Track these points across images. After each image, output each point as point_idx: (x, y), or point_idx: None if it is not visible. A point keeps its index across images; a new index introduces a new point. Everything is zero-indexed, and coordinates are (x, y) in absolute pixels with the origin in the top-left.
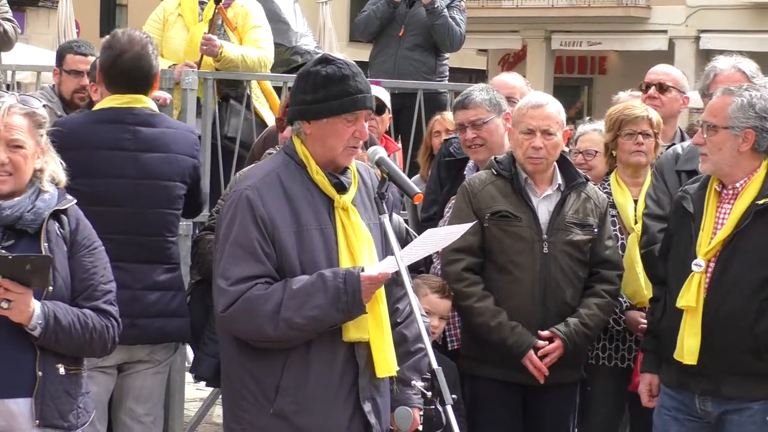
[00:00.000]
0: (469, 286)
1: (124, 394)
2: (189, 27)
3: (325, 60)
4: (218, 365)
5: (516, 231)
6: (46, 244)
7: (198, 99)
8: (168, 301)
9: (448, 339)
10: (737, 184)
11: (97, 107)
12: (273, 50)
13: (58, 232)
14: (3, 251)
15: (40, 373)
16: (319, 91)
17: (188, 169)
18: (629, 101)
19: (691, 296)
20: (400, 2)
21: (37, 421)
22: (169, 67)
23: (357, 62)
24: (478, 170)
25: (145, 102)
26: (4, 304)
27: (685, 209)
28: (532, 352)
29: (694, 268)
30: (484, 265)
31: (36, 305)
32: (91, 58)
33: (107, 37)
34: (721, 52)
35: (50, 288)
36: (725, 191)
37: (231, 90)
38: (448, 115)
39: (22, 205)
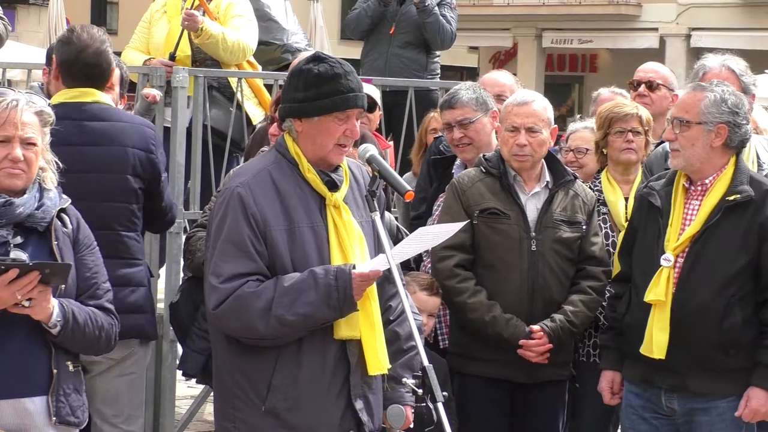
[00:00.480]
0: (461, 282)
1: (91, 396)
2: (170, 20)
3: (317, 58)
4: (206, 362)
5: (504, 228)
6: (56, 242)
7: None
8: (122, 297)
9: (440, 337)
10: (706, 180)
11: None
12: (254, 40)
13: (63, 230)
14: (24, 256)
15: (55, 371)
16: (310, 90)
17: (141, 162)
18: (619, 99)
19: (660, 290)
20: (391, 1)
21: (54, 419)
22: (145, 61)
23: (348, 60)
24: (465, 168)
25: (96, 95)
26: (26, 303)
27: (650, 205)
28: (524, 342)
29: (663, 263)
30: (474, 261)
31: (54, 303)
32: None
33: (64, 32)
34: (712, 49)
35: (63, 286)
36: (693, 187)
37: (213, 80)
38: None
39: (31, 202)
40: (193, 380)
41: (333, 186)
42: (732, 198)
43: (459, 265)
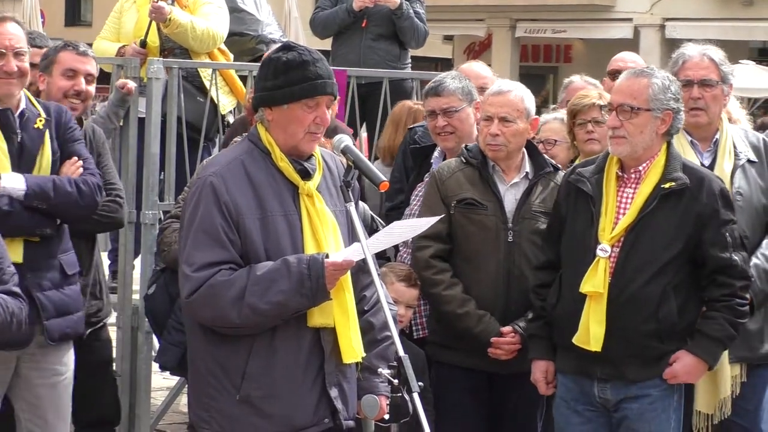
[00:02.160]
0: (437, 274)
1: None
2: (139, 9)
3: (287, 47)
4: (183, 354)
5: (480, 219)
6: None
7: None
8: None
9: (414, 327)
10: (640, 168)
11: None
12: (224, 27)
13: None
14: None
15: None
16: (279, 77)
17: None
18: (585, 90)
19: (597, 281)
20: (360, 13)
21: None
22: (119, 49)
23: (321, 51)
24: (445, 158)
25: None
26: None
27: (579, 192)
28: (494, 340)
29: (599, 253)
30: (451, 252)
31: None
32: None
33: None
34: (686, 40)
35: None
36: (627, 175)
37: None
38: None
39: None
40: (168, 372)
41: (306, 174)
42: (668, 186)
43: (436, 256)
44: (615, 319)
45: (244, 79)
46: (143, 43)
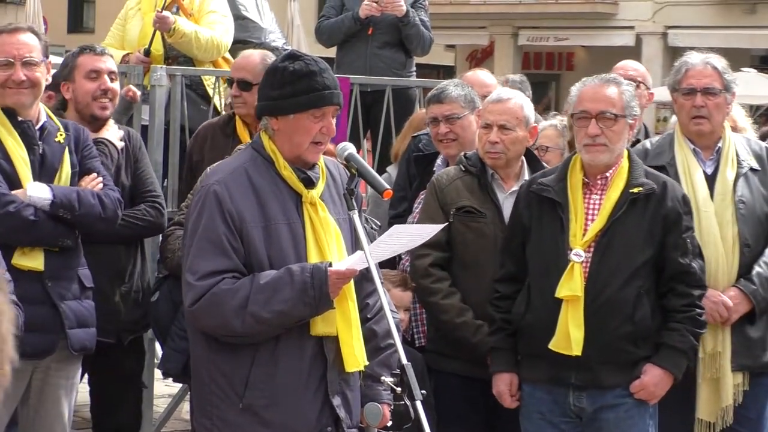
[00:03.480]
0: (435, 282)
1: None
2: (144, 17)
3: (293, 56)
4: (186, 361)
5: (479, 227)
6: None
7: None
8: None
9: (416, 336)
10: (607, 174)
11: None
12: (229, 36)
13: None
14: None
15: None
16: (285, 87)
17: None
18: None
19: (574, 285)
20: (366, 21)
21: None
22: (123, 57)
23: (325, 58)
24: (448, 165)
25: None
26: None
27: (543, 200)
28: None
29: (573, 258)
30: (450, 259)
31: None
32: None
33: None
34: (689, 47)
35: None
36: (593, 181)
37: (185, 77)
38: None
39: None
40: (171, 379)
41: (309, 183)
42: (636, 190)
43: (435, 264)
44: (592, 323)
45: None
46: (147, 52)
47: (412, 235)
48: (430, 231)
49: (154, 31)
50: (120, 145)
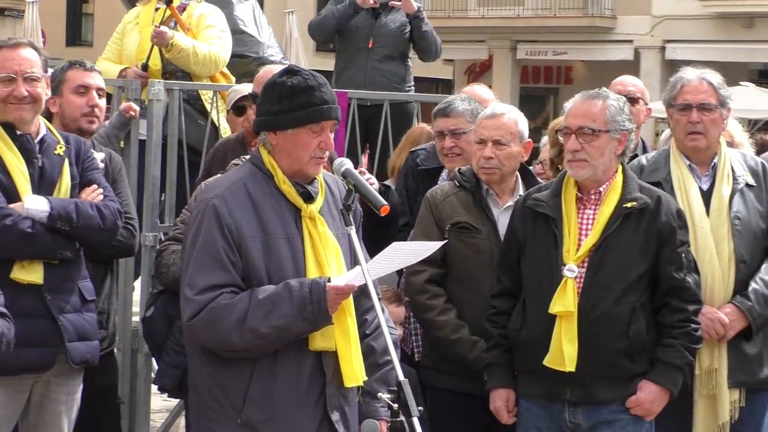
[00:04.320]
0: (431, 299)
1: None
2: (142, 31)
3: (291, 71)
4: (182, 377)
5: (475, 243)
6: None
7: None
8: None
9: (415, 350)
10: (600, 189)
11: None
12: (227, 51)
13: None
14: None
15: None
16: (284, 102)
17: None
18: None
19: (568, 301)
20: (363, 9)
21: None
22: (120, 71)
23: (324, 72)
24: None
25: None
26: None
27: (538, 216)
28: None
29: (567, 273)
30: (446, 275)
31: None
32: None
33: None
34: (687, 61)
35: None
36: (586, 196)
37: (183, 92)
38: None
39: None
40: (167, 394)
41: (308, 198)
42: (629, 205)
43: (430, 281)
44: (586, 339)
45: None
46: (145, 66)
47: (410, 251)
48: (429, 247)
49: (152, 46)
50: (100, 167)
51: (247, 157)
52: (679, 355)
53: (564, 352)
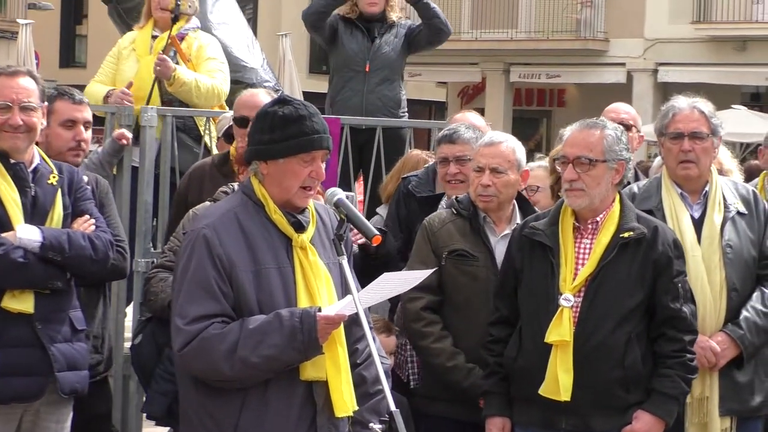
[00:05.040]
0: (427, 326)
1: None
2: (140, 59)
3: (283, 101)
4: (171, 404)
5: (472, 270)
6: None
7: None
8: None
9: (411, 378)
10: (597, 218)
11: None
12: (228, 83)
13: None
14: None
15: None
16: (275, 132)
17: None
18: None
19: (563, 330)
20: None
21: None
22: (107, 93)
23: (316, 94)
24: None
25: None
26: None
27: (534, 245)
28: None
29: (562, 302)
30: (442, 302)
31: None
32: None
33: None
34: (679, 84)
35: None
36: (583, 226)
37: (179, 121)
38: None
39: None
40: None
41: (299, 227)
42: (626, 235)
43: (427, 308)
44: (582, 368)
45: None
46: (130, 85)
47: (401, 280)
48: (419, 276)
49: (154, 81)
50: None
51: (234, 184)
52: (675, 386)
53: (559, 381)
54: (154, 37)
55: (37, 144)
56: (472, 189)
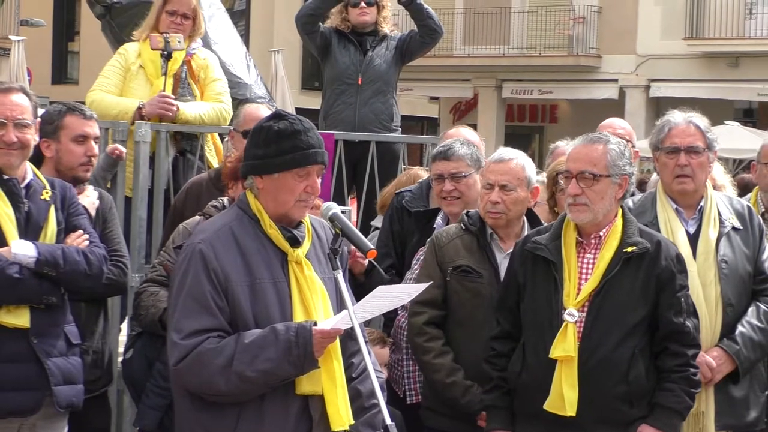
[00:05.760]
0: (428, 341)
1: None
2: (152, 80)
3: (278, 116)
4: (162, 418)
5: (475, 287)
6: None
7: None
8: None
9: (408, 393)
10: (600, 233)
11: None
12: (230, 104)
13: None
14: None
15: None
16: (270, 146)
17: None
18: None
19: (568, 345)
20: None
21: None
22: (139, 106)
23: (309, 110)
24: (448, 222)
25: None
26: None
27: (537, 259)
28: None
29: (567, 317)
30: (445, 317)
31: None
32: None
33: None
34: (672, 99)
35: None
36: (586, 240)
37: (187, 144)
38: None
39: None
40: None
41: (295, 242)
42: (629, 250)
43: (430, 323)
44: (586, 383)
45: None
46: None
47: (395, 294)
48: (413, 290)
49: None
50: (93, 212)
51: (224, 198)
52: (679, 400)
53: (564, 396)
54: (162, 56)
55: (43, 157)
56: (481, 205)
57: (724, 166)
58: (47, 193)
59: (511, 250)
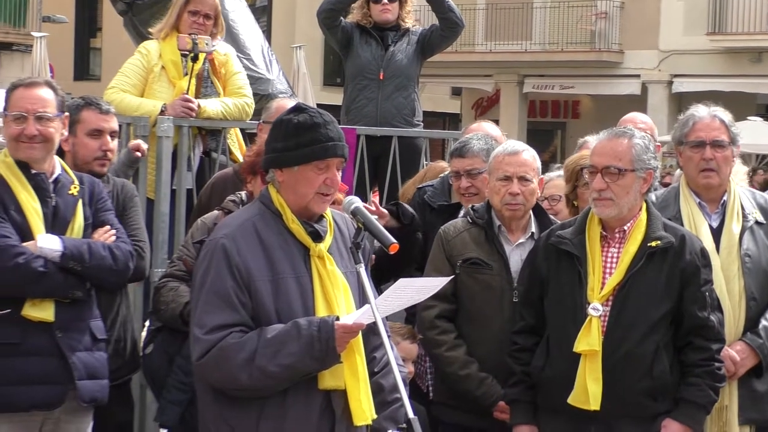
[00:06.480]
0: (440, 334)
1: None
2: (174, 82)
3: (298, 109)
4: (183, 413)
5: (486, 279)
6: None
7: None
8: None
9: (430, 387)
10: (625, 227)
11: None
12: (252, 97)
13: None
14: None
15: None
16: (290, 139)
17: None
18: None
19: (592, 339)
20: None
21: None
22: (161, 109)
23: (330, 106)
24: None
25: None
26: None
27: (561, 253)
28: (502, 404)
29: (591, 312)
30: (457, 311)
31: None
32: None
33: None
34: (695, 95)
35: None
36: (611, 234)
37: (213, 141)
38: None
39: None
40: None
41: (317, 236)
42: (654, 244)
43: (441, 316)
44: (610, 378)
45: (254, 137)
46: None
47: (418, 288)
48: (436, 284)
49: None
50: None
51: (242, 192)
52: (703, 394)
53: (589, 390)
54: (183, 56)
55: (63, 153)
56: (497, 198)
57: (746, 162)
58: (75, 188)
59: (520, 241)
